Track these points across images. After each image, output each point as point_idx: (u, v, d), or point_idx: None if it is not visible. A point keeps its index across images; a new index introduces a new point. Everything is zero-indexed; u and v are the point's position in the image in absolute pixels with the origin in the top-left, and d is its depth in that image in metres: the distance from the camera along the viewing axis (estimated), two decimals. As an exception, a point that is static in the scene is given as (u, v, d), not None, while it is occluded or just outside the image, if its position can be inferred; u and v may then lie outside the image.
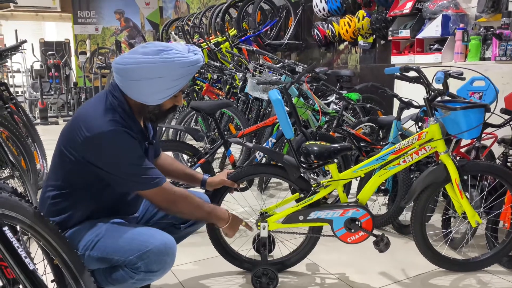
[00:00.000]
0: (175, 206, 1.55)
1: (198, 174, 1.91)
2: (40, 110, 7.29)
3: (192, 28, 6.81)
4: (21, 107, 3.50)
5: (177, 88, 1.48)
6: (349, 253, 2.28)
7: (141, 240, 1.42)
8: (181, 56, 1.42)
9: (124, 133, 1.44)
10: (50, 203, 1.51)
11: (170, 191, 1.52)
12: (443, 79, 1.96)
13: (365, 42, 4.65)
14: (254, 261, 2.04)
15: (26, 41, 3.80)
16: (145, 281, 1.47)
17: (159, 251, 1.41)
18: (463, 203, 1.96)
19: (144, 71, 1.41)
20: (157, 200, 1.52)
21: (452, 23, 3.50)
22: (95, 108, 1.47)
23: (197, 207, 1.61)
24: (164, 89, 1.46)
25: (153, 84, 1.43)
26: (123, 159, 1.44)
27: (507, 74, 3.03)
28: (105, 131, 1.40)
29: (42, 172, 3.42)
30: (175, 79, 1.44)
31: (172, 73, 1.43)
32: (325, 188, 1.93)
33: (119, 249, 1.42)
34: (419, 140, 1.93)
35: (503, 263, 2.13)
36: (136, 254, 1.40)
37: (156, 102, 1.49)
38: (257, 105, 3.93)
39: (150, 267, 1.41)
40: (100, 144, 1.41)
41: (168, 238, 1.47)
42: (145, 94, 1.46)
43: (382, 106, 4.12)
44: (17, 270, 1.05)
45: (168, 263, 1.46)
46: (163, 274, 1.48)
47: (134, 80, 1.43)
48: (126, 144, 1.44)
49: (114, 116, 1.45)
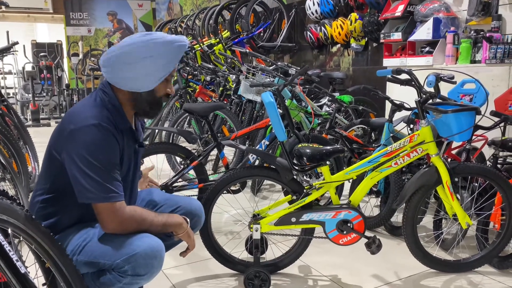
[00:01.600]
0: (123, 229, 1.43)
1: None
2: (32, 112, 7.23)
3: (185, 30, 6.81)
4: (13, 109, 3.47)
5: (167, 70, 1.48)
6: (341, 255, 2.29)
7: (128, 243, 1.40)
8: (165, 36, 1.46)
9: (107, 130, 1.40)
10: (39, 207, 1.50)
11: (122, 211, 1.41)
12: (435, 82, 1.98)
13: (357, 44, 4.69)
14: (247, 263, 2.04)
15: (18, 43, 3.78)
16: (132, 285, 1.44)
17: (146, 255, 1.39)
18: (453, 205, 1.98)
19: (136, 52, 1.42)
20: (105, 217, 1.41)
21: (443, 26, 3.54)
22: (84, 104, 1.48)
23: (150, 225, 1.49)
24: (155, 70, 1.46)
25: (146, 65, 1.43)
26: (93, 155, 1.37)
27: (497, 76, 3.07)
28: (88, 124, 1.38)
29: (34, 175, 3.39)
30: (163, 59, 1.45)
31: (160, 51, 1.43)
32: (318, 190, 1.94)
33: (106, 252, 1.41)
34: (411, 143, 1.95)
35: (493, 263, 2.16)
36: (123, 257, 1.38)
37: (150, 86, 1.48)
38: (250, 107, 3.93)
39: (137, 271, 1.39)
40: (80, 136, 1.38)
41: (155, 241, 1.44)
42: (139, 78, 1.45)
43: (374, 108, 4.15)
44: (9, 274, 1.04)
45: (156, 267, 1.43)
46: (151, 278, 1.45)
47: (128, 63, 1.43)
48: (104, 142, 1.39)
49: (102, 111, 1.44)
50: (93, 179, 1.37)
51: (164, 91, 1.54)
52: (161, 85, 1.51)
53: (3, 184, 2.48)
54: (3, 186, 2.46)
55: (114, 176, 1.42)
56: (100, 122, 1.40)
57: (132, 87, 1.48)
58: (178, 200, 1.75)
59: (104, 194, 1.38)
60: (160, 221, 1.52)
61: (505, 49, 3.07)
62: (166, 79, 1.52)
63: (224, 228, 2.65)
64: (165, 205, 1.72)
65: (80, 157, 1.37)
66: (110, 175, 1.40)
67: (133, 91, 1.49)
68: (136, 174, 1.65)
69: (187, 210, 1.69)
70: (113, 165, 1.43)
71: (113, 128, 1.43)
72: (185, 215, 1.64)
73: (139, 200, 1.74)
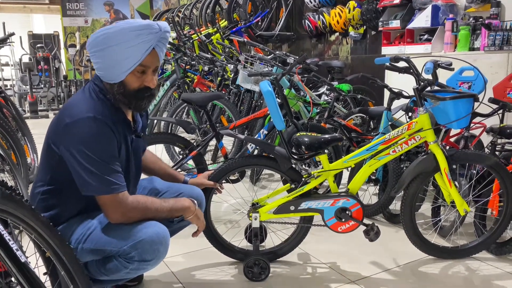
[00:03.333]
0: (127, 219, 1.45)
1: (180, 175, 1.91)
2: (30, 103, 7.21)
3: (183, 19, 6.76)
4: (11, 101, 3.46)
5: (136, 58, 1.40)
6: (340, 242, 2.30)
7: (134, 230, 1.43)
8: (136, 22, 1.40)
9: (103, 123, 1.40)
10: (40, 199, 1.51)
11: (125, 202, 1.43)
12: (432, 69, 1.97)
13: (356, 33, 4.66)
14: (246, 252, 2.05)
15: (14, 34, 3.77)
16: (139, 271, 1.48)
17: (152, 241, 1.42)
18: (451, 192, 1.99)
19: (104, 40, 1.39)
20: (108, 208, 1.43)
21: (441, 13, 3.52)
22: (78, 97, 1.48)
23: (156, 212, 1.50)
24: (122, 59, 1.40)
25: (113, 54, 1.39)
26: (91, 149, 1.37)
27: (496, 64, 3.06)
28: (83, 118, 1.38)
29: (33, 166, 3.40)
30: (131, 46, 1.38)
31: (126, 38, 1.37)
32: (316, 179, 1.95)
33: (112, 239, 1.43)
34: (409, 130, 1.95)
35: (491, 250, 2.17)
36: (129, 244, 1.41)
37: (119, 77, 1.43)
38: (249, 97, 3.92)
39: (143, 256, 1.42)
40: (76, 130, 1.38)
41: (160, 227, 1.47)
42: (108, 68, 1.42)
43: (372, 97, 4.14)
44: (9, 263, 1.05)
45: (162, 252, 1.46)
46: (157, 263, 1.49)
47: (100, 51, 1.41)
48: (100, 135, 1.39)
49: (95, 104, 1.44)
50: (93, 173, 1.38)
51: (139, 84, 1.45)
52: (132, 77, 1.44)
53: (2, 176, 2.49)
54: (2, 177, 2.47)
55: (113, 168, 1.42)
56: (95, 115, 1.40)
57: (105, 78, 1.46)
58: (180, 187, 1.77)
59: (106, 186, 1.40)
60: (167, 207, 1.54)
61: (504, 36, 3.06)
62: (139, 71, 1.44)
63: (223, 217, 2.67)
64: (167, 192, 1.74)
65: (78, 151, 1.38)
66: (109, 167, 1.41)
67: (109, 82, 1.46)
68: (138, 164, 1.66)
69: (189, 196, 1.71)
70: (112, 157, 1.43)
71: (108, 120, 1.42)
72: None
73: (141, 188, 1.75)
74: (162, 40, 1.45)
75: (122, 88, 1.45)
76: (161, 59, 1.50)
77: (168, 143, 3.25)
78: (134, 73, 1.44)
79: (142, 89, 1.47)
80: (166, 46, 1.51)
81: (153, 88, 1.50)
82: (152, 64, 1.46)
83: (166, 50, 1.56)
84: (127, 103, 1.49)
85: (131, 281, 1.86)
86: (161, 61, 1.51)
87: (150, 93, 1.50)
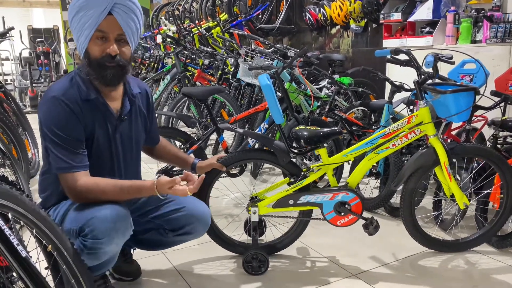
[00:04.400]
0: (80, 199, 1.49)
1: (190, 158, 1.92)
2: (30, 98, 7.22)
3: (183, 13, 6.73)
4: (11, 96, 3.46)
5: (92, 23, 1.41)
6: (339, 236, 2.31)
7: (91, 208, 1.44)
8: None
9: (62, 103, 1.45)
10: (40, 180, 1.62)
11: (76, 182, 1.45)
12: (433, 62, 1.96)
13: (357, 25, 4.63)
14: (246, 245, 2.06)
15: (14, 28, 3.75)
16: (97, 253, 1.43)
17: (104, 218, 1.40)
18: (451, 185, 1.99)
19: (69, 13, 1.46)
20: (64, 187, 1.49)
21: (443, 5, 3.49)
22: (60, 79, 1.56)
23: (113, 194, 1.49)
24: (81, 26, 1.43)
25: (76, 23, 1.45)
26: (49, 128, 1.45)
27: (498, 56, 3.04)
28: (47, 98, 1.47)
29: (34, 161, 3.41)
30: (85, 11, 1.41)
31: (80, 3, 1.42)
32: (315, 173, 1.95)
33: (74, 218, 1.47)
34: (409, 124, 1.95)
35: (492, 243, 2.18)
36: (83, 221, 1.42)
37: (83, 46, 1.47)
38: (249, 91, 3.91)
39: (94, 234, 1.40)
40: (40, 109, 1.48)
41: (117, 208, 1.45)
42: (77, 40, 1.48)
43: (374, 90, 4.13)
44: (10, 258, 1.05)
45: (114, 232, 1.42)
46: (111, 244, 1.44)
47: (70, 25, 1.48)
48: (58, 114, 1.45)
49: (64, 85, 1.49)
50: (51, 150, 1.47)
51: (100, 52, 1.46)
52: (94, 45, 1.46)
53: (3, 170, 2.50)
54: (3, 172, 2.48)
55: (69, 148, 1.46)
56: (56, 95, 1.46)
57: (80, 52, 1.51)
58: (184, 200, 1.70)
59: (58, 165, 1.47)
60: (122, 190, 1.49)
61: (506, 28, 3.04)
62: (99, 37, 1.45)
63: (223, 211, 2.67)
64: (172, 202, 1.70)
65: (41, 129, 1.48)
66: (63, 146, 1.46)
67: (81, 57, 1.50)
68: (126, 149, 1.65)
69: (188, 213, 1.68)
70: (68, 137, 1.46)
71: (71, 101, 1.47)
72: (185, 218, 1.67)
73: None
74: (119, 6, 1.44)
75: (87, 59, 1.49)
76: (127, 29, 1.47)
77: (168, 137, 3.23)
78: (94, 40, 1.46)
79: (104, 57, 1.47)
80: (132, 17, 1.48)
81: (116, 57, 1.47)
82: (110, 30, 1.46)
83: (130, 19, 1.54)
84: (94, 76, 1.50)
85: (127, 276, 1.88)
86: (127, 31, 1.48)
87: (115, 62, 1.47)
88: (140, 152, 1.75)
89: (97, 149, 1.56)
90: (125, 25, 1.47)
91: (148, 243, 1.78)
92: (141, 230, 1.72)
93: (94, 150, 1.55)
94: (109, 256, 1.49)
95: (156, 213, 1.69)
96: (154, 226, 1.72)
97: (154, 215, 1.70)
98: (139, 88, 1.70)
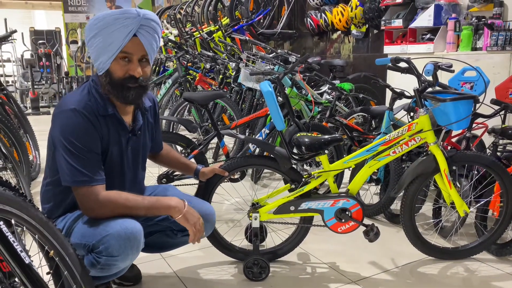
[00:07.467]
0: (98, 213, 1.45)
1: (193, 164, 1.93)
2: (32, 100, 7.22)
3: (184, 16, 6.75)
4: (12, 98, 3.47)
5: (117, 44, 1.41)
6: (340, 242, 2.31)
7: (105, 224, 1.42)
8: (109, 11, 1.45)
9: (82, 116, 1.43)
10: (44, 191, 1.58)
11: (95, 196, 1.43)
12: (433, 71, 1.98)
13: (358, 31, 4.65)
14: (247, 251, 2.06)
15: (16, 31, 3.77)
16: (110, 268, 1.43)
17: (119, 236, 1.39)
18: (451, 193, 1.99)
19: (90, 29, 1.46)
20: (80, 201, 1.45)
21: (444, 12, 3.51)
22: (73, 92, 1.53)
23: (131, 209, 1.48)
24: (105, 45, 1.43)
25: (97, 42, 1.44)
26: (68, 139, 1.41)
27: (498, 64, 3.06)
28: (66, 109, 1.44)
29: (35, 163, 3.41)
30: (111, 32, 1.41)
31: (106, 23, 1.41)
32: (316, 179, 1.95)
33: (86, 233, 1.44)
34: (409, 131, 1.96)
35: (492, 251, 2.18)
36: (98, 238, 1.41)
37: (104, 66, 1.46)
38: (251, 96, 3.92)
39: (110, 251, 1.39)
40: (59, 121, 1.44)
41: (131, 224, 1.43)
42: (97, 58, 1.46)
43: (374, 96, 4.14)
44: (13, 264, 1.06)
45: (129, 248, 1.42)
46: (126, 260, 1.44)
47: (88, 41, 1.47)
48: (78, 126, 1.42)
49: (83, 98, 1.48)
50: (68, 162, 1.42)
51: (123, 73, 1.46)
52: (116, 65, 1.46)
53: (4, 173, 2.50)
54: (5, 175, 2.48)
55: (89, 161, 1.44)
56: (76, 107, 1.44)
57: (97, 69, 1.50)
58: (192, 200, 1.70)
59: (76, 177, 1.42)
60: (145, 204, 1.50)
61: (506, 36, 3.05)
62: (123, 58, 1.45)
63: (224, 216, 2.68)
64: None
65: (58, 140, 1.43)
66: (84, 158, 1.43)
67: (100, 74, 1.49)
68: (136, 162, 1.66)
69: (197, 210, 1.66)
70: (88, 150, 1.44)
71: (90, 114, 1.45)
72: None
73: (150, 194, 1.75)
74: (144, 28, 1.45)
75: (109, 78, 1.48)
76: (150, 50, 1.49)
77: (169, 142, 3.23)
78: (118, 61, 1.46)
79: (127, 78, 1.47)
80: (155, 37, 1.49)
81: (139, 79, 1.48)
82: (135, 51, 1.46)
83: (159, 43, 1.56)
84: (115, 94, 1.50)
85: (127, 281, 1.88)
86: (150, 52, 1.49)
87: (138, 83, 1.48)
88: (146, 162, 1.76)
89: (110, 163, 1.55)
90: (149, 46, 1.48)
91: (152, 246, 1.77)
92: (146, 233, 1.72)
93: (107, 164, 1.54)
94: (120, 269, 1.49)
95: (163, 215, 1.68)
96: (161, 228, 1.72)
97: (161, 217, 1.70)
98: (148, 100, 1.70)
